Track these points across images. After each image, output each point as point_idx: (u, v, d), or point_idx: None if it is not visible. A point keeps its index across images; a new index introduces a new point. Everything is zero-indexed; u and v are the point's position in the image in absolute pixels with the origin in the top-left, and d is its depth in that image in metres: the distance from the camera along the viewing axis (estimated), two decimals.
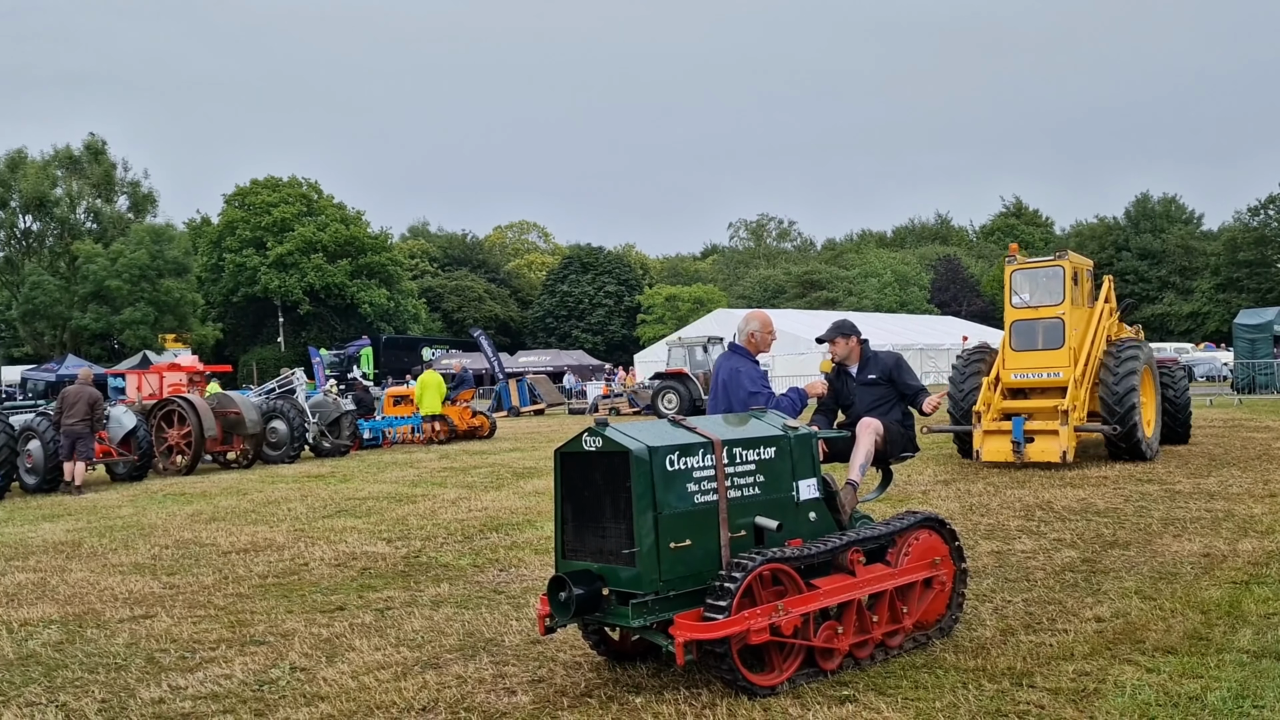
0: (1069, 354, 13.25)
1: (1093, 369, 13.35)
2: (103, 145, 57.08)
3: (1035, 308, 13.86)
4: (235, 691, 5.13)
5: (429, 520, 10.69)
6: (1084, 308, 14.01)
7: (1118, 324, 14.79)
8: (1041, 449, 12.76)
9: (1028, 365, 13.59)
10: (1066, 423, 12.60)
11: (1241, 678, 4.59)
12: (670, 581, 4.63)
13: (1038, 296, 14.00)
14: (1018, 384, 13.69)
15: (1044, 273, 14.02)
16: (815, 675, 4.87)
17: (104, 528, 11.15)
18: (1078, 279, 13.93)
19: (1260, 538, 7.87)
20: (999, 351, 14.09)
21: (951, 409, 14.12)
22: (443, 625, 6.25)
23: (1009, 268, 14.34)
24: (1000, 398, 13.56)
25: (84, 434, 15.31)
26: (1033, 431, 12.85)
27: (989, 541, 8.18)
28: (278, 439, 18.74)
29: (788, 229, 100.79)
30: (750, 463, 5.03)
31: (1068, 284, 13.54)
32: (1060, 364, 13.30)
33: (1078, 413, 12.95)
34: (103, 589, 7.79)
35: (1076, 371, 13.09)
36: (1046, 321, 13.61)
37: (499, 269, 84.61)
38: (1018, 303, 14.04)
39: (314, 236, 61.93)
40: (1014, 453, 12.76)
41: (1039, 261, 14.20)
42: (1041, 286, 14.02)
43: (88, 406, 15.35)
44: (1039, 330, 13.66)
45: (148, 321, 50.91)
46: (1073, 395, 12.85)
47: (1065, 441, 12.56)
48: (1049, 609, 5.98)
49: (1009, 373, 13.71)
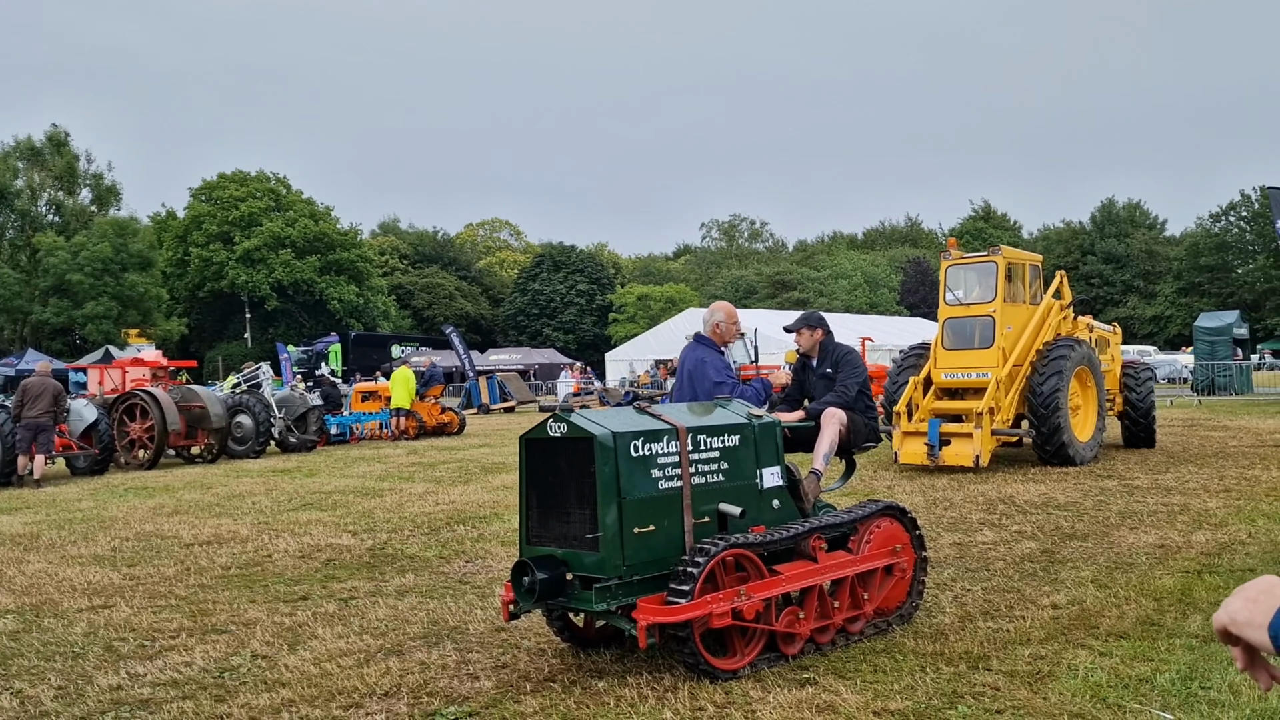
0: (999, 353, 12.75)
1: (1026, 369, 12.88)
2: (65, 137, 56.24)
3: (968, 305, 13.34)
4: (195, 678, 5.09)
5: (395, 513, 10.65)
6: (1024, 305, 13.46)
7: (1075, 322, 14.23)
8: (956, 452, 12.30)
9: (958, 365, 13.12)
10: (981, 426, 12.12)
11: (1190, 661, 4.69)
12: (634, 566, 4.66)
13: (971, 293, 13.48)
14: (949, 384, 13.20)
15: (978, 269, 13.48)
16: (777, 659, 4.91)
17: (63, 520, 11.01)
18: (1014, 275, 13.41)
19: (1214, 530, 8.02)
20: (931, 350, 13.63)
21: (885, 407, 13.67)
22: (407, 614, 6.24)
23: (945, 263, 13.80)
24: (934, 398, 13.13)
25: (47, 426, 15.09)
26: (949, 434, 12.43)
27: (951, 533, 8.28)
28: (243, 433, 18.58)
29: (760, 230, 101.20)
30: (714, 450, 5.07)
31: (1001, 281, 12.98)
32: (990, 364, 12.77)
33: (1002, 414, 12.47)
34: (61, 580, 7.70)
35: (1002, 372, 12.56)
36: (978, 319, 13.11)
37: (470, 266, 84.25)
38: (951, 300, 13.53)
39: (282, 232, 61.37)
40: (928, 455, 12.31)
41: (973, 257, 13.67)
42: (975, 283, 13.51)
43: (52, 399, 15.14)
44: (970, 329, 13.19)
45: (111, 316, 50.21)
46: (991, 397, 12.30)
47: (979, 445, 12.10)
48: (1007, 597, 6.07)
49: (940, 372, 13.24)
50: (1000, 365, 12.66)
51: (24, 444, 15.02)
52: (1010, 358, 12.78)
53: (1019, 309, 13.33)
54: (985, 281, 13.29)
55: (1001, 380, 12.54)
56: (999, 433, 12.51)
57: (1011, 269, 13.34)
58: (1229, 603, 1.35)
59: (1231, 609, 1.33)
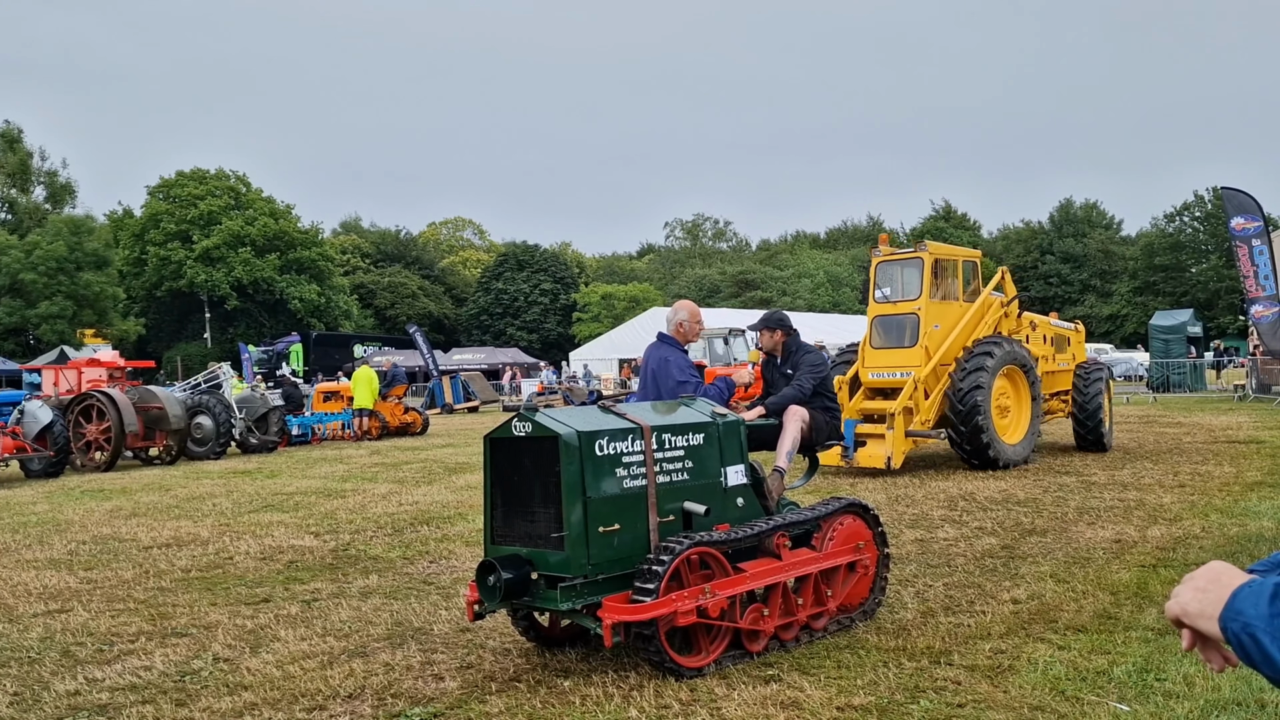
0: (922, 352, 12.38)
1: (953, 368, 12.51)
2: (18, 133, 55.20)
3: (894, 303, 13.03)
4: (155, 683, 5.02)
5: (358, 514, 10.57)
6: (956, 303, 13.05)
7: (1019, 320, 13.67)
8: (870, 454, 12.04)
9: (884, 364, 12.80)
10: (894, 427, 11.92)
11: (1146, 653, 4.79)
12: (599, 565, 4.67)
13: (897, 290, 13.13)
14: (875, 383, 12.86)
15: (904, 265, 13.10)
16: (741, 657, 4.95)
17: (17, 524, 10.80)
18: (943, 272, 13.03)
19: (1169, 525, 8.18)
20: (860, 349, 13.32)
21: None
22: (370, 615, 6.19)
23: (874, 260, 13.41)
24: (862, 397, 12.80)
25: None
26: (864, 435, 12.21)
27: (913, 530, 8.37)
28: (203, 435, 18.33)
29: (723, 229, 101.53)
30: (679, 449, 5.09)
31: (926, 277, 12.61)
32: (913, 363, 12.42)
33: (922, 415, 12.18)
34: (15, 584, 7.55)
35: (924, 371, 12.21)
36: (905, 318, 12.78)
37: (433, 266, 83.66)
38: (879, 297, 13.23)
39: (242, 230, 60.58)
40: (842, 456, 11.93)
41: (900, 253, 13.23)
42: (902, 280, 13.14)
43: None
44: (896, 327, 12.86)
45: (65, 316, 49.27)
46: (907, 397, 12.02)
47: (890, 447, 11.88)
48: (968, 592, 6.15)
49: (867, 371, 12.90)
50: (923, 364, 12.31)
51: None
52: (935, 357, 12.44)
53: (949, 306, 12.97)
54: (911, 278, 12.95)
55: (921, 380, 12.23)
56: (914, 434, 12.20)
57: (940, 265, 12.99)
58: (1179, 592, 1.38)
59: (1183, 600, 1.36)
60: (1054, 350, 14.45)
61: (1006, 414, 12.74)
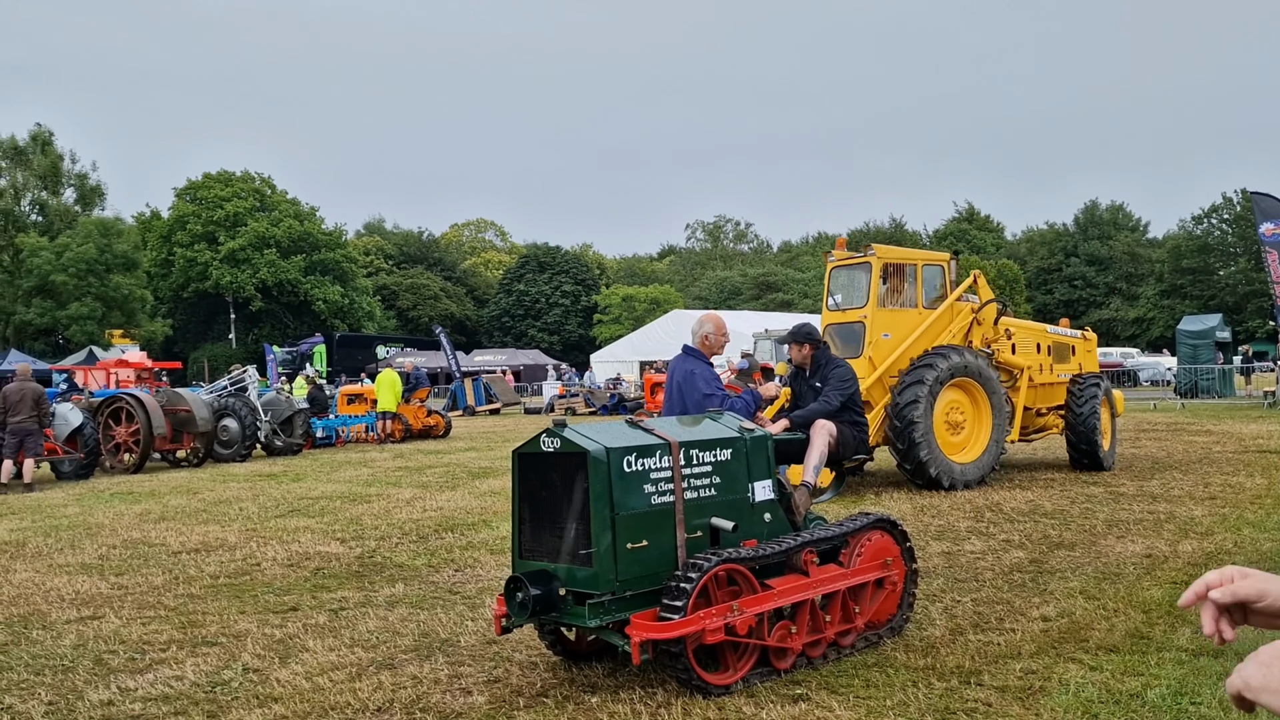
0: (866, 364, 11.67)
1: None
2: (50, 136, 55.79)
3: (844, 310, 12.43)
4: (187, 693, 5.07)
5: (383, 520, 10.62)
6: (913, 310, 12.35)
7: (995, 326, 12.68)
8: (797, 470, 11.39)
9: None
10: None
11: (1180, 675, 4.73)
12: (627, 582, 4.67)
13: (849, 297, 12.54)
14: None
15: (855, 271, 12.45)
16: (769, 674, 4.93)
17: (49, 527, 10.93)
18: (895, 277, 12.41)
19: (1200, 539, 8.09)
20: None
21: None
22: (398, 626, 6.22)
23: (829, 265, 12.81)
24: None
25: (33, 430, 15.05)
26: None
27: (939, 542, 8.32)
28: (229, 437, 18.48)
29: (744, 231, 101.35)
30: (707, 464, 5.08)
31: (874, 283, 12.00)
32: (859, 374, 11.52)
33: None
34: (48, 589, 7.64)
35: (868, 383, 11.38)
36: (852, 326, 12.18)
37: (455, 267, 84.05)
38: (832, 304, 12.64)
39: (267, 232, 61.09)
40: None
41: (852, 258, 12.56)
42: (852, 286, 12.53)
43: (33, 403, 15.07)
44: (845, 336, 12.20)
45: (95, 317, 49.82)
46: None
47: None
48: (997, 609, 6.11)
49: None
50: (868, 376, 11.53)
51: (10, 450, 14.94)
52: (881, 368, 11.77)
53: (904, 314, 12.24)
54: (861, 284, 12.35)
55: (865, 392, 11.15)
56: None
57: (891, 270, 12.36)
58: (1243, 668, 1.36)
59: (1246, 674, 1.34)
60: (1052, 360, 13.46)
61: (959, 430, 11.84)
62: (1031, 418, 13.33)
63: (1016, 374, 12.74)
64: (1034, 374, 12.98)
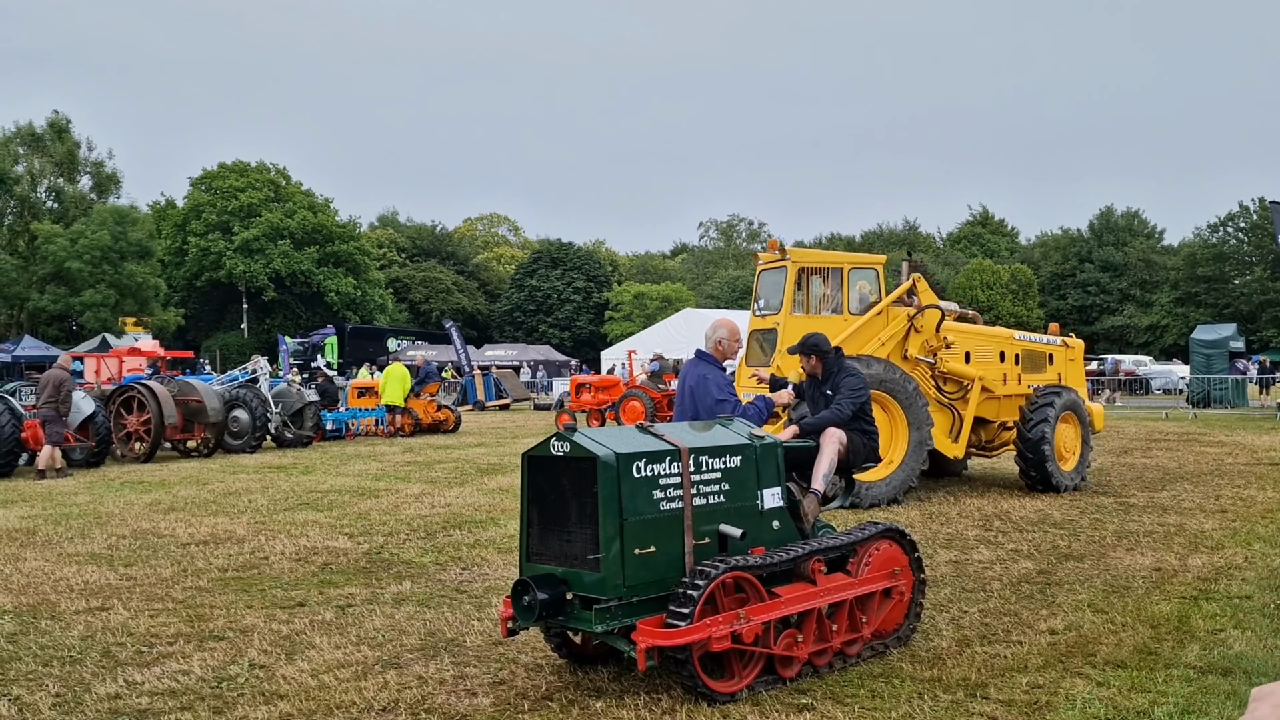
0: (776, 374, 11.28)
1: None
2: (66, 123, 55.95)
3: (764, 316, 12.08)
4: (193, 688, 5.09)
5: (391, 515, 10.65)
6: (837, 317, 11.83)
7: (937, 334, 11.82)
8: None
9: (745, 385, 11.43)
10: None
11: (1188, 693, 4.71)
12: (634, 587, 4.67)
13: (770, 302, 12.16)
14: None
15: (775, 274, 12.04)
16: (774, 683, 4.92)
17: (59, 515, 10.99)
18: (815, 281, 12.06)
19: (1210, 553, 8.05)
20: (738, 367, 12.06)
21: None
22: (404, 624, 6.24)
23: (758, 268, 12.43)
24: None
25: (50, 417, 15.15)
26: None
27: (947, 551, 8.29)
28: (239, 428, 18.55)
29: (758, 230, 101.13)
30: (716, 471, 5.07)
31: (788, 288, 11.65)
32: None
33: None
34: (58, 579, 7.69)
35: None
36: (769, 332, 11.80)
37: (467, 261, 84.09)
38: (757, 310, 12.30)
39: (281, 223, 61.21)
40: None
41: (771, 261, 12.11)
42: (774, 290, 12.07)
43: (54, 389, 15.22)
44: (765, 342, 11.86)
45: (108, 304, 50.00)
46: None
47: None
48: (1004, 620, 6.08)
49: (742, 391, 11.38)
50: None
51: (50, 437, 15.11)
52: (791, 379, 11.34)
53: (827, 321, 11.65)
54: (777, 289, 11.97)
55: None
56: None
57: (808, 274, 12.01)
58: (1256, 708, 1.35)
59: (1259, 715, 1.34)
60: (1021, 370, 12.65)
61: None
62: (995, 431, 12.57)
63: (966, 384, 11.94)
64: (993, 384, 12.16)
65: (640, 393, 23.23)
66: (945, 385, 11.89)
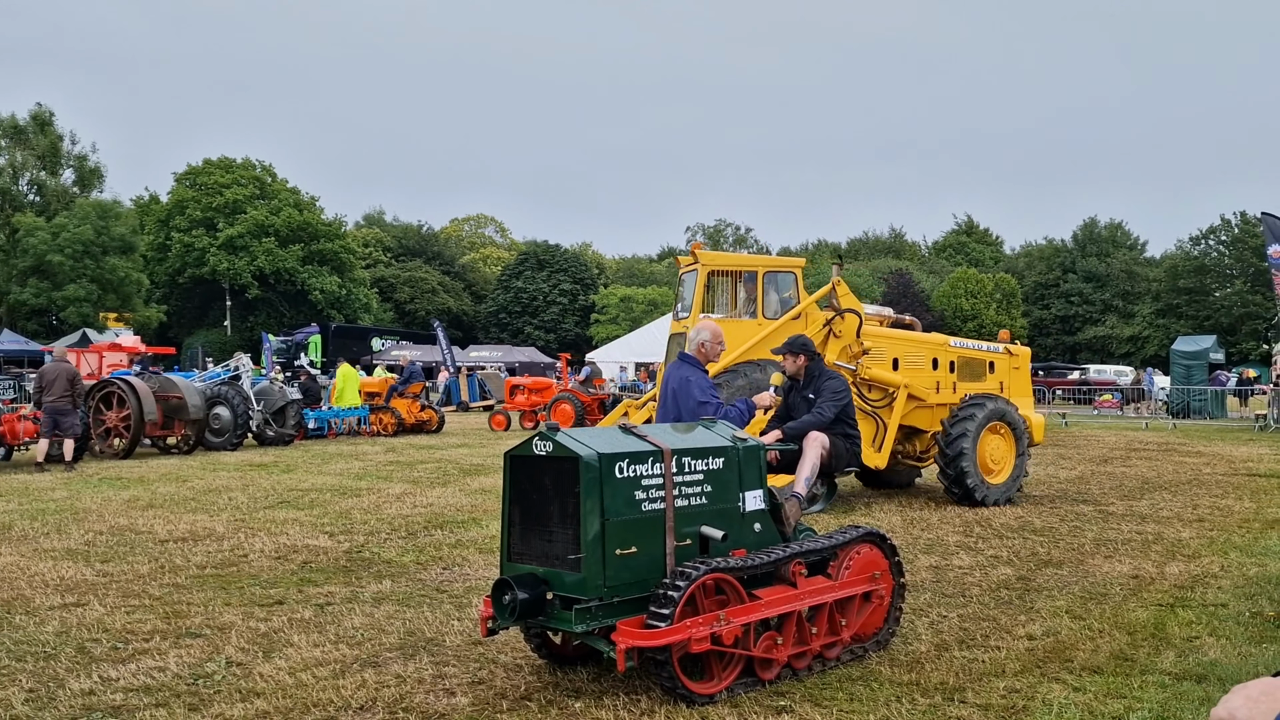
0: None
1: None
2: (50, 116, 55.56)
3: (682, 319, 11.91)
4: (169, 685, 5.05)
5: (373, 515, 10.60)
6: (751, 320, 11.70)
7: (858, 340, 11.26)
8: None
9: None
10: None
11: (1163, 699, 4.74)
12: (614, 588, 4.67)
13: (686, 305, 12.04)
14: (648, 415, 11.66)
15: (689, 278, 11.94)
16: (753, 685, 4.93)
17: (36, 510, 10.89)
18: (725, 285, 11.94)
19: (1187, 561, 8.11)
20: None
21: None
22: (383, 623, 6.21)
23: (680, 272, 12.24)
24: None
25: (66, 410, 15.25)
26: None
27: (928, 556, 8.32)
28: (220, 425, 18.44)
29: (744, 235, 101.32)
30: (698, 472, 5.08)
31: (698, 292, 11.55)
32: None
33: None
34: (33, 575, 7.61)
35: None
36: (681, 336, 11.48)
37: (454, 262, 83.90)
38: (677, 314, 12.19)
39: (266, 220, 60.90)
40: None
41: (689, 264, 12.01)
42: (686, 294, 12.02)
43: (68, 382, 15.26)
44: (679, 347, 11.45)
45: (90, 299, 49.64)
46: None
47: None
48: (983, 625, 6.11)
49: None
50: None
51: (45, 429, 15.12)
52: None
53: (739, 325, 11.56)
54: (689, 293, 11.90)
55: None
56: None
57: (719, 278, 11.83)
58: (1229, 700, 1.37)
59: (1232, 705, 1.35)
60: (956, 378, 12.14)
61: None
62: (929, 441, 12.02)
63: (892, 391, 11.51)
64: (923, 392, 11.76)
65: (570, 396, 23.84)
66: (869, 393, 11.43)
